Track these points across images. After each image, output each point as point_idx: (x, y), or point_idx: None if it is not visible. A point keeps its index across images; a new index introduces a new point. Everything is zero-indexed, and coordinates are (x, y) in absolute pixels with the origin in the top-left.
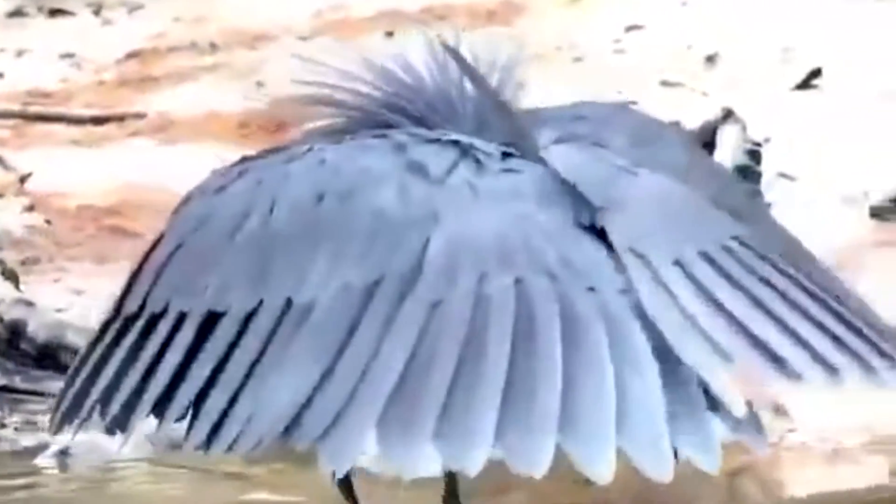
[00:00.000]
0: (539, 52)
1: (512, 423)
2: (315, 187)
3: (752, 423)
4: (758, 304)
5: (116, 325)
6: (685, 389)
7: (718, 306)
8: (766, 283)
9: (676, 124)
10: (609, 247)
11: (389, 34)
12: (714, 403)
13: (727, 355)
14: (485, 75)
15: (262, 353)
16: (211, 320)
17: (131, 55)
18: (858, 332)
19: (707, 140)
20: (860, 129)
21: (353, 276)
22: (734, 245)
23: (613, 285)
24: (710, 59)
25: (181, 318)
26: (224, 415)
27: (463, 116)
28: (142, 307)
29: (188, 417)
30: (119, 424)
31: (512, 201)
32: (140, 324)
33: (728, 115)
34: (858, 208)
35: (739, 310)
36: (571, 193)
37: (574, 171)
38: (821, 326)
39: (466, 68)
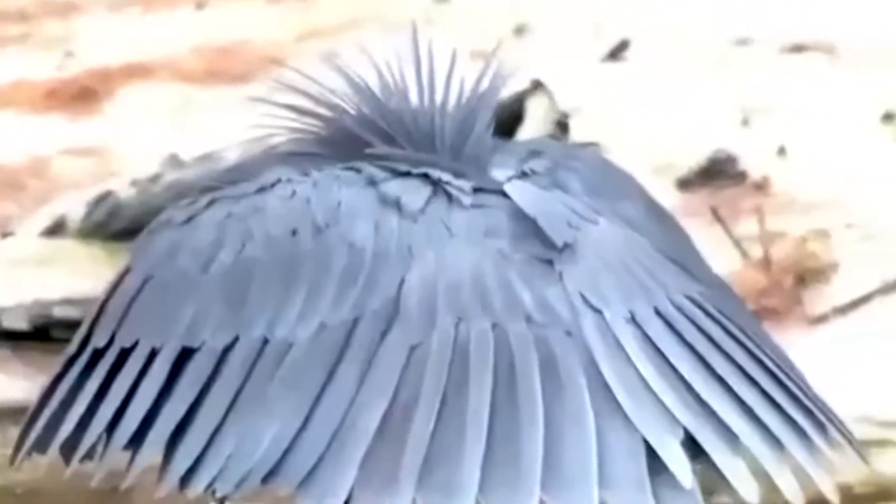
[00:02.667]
0: (350, 21)
1: (496, 477)
2: (288, 221)
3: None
4: (710, 370)
5: (83, 359)
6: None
7: (673, 371)
8: (718, 347)
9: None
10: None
11: (200, 6)
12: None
13: (678, 424)
14: (461, 101)
15: (239, 390)
16: (183, 355)
17: None
18: (800, 404)
19: (516, 111)
20: (667, 101)
21: (329, 316)
22: (687, 303)
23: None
24: (519, 31)
25: (153, 354)
26: (203, 452)
27: (441, 142)
28: (110, 342)
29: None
30: (88, 458)
31: (486, 238)
32: (109, 358)
33: (537, 86)
34: (666, 179)
35: (693, 376)
36: (534, 230)
37: (535, 208)
38: (768, 398)
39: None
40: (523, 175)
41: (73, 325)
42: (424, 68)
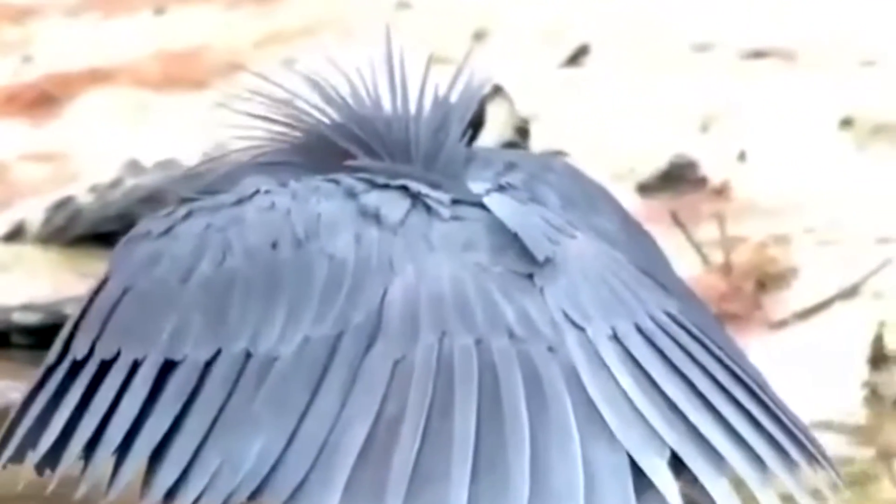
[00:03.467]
0: (310, 26)
1: (482, 497)
2: (268, 233)
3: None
4: (692, 387)
5: (63, 370)
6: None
7: (656, 390)
8: (697, 363)
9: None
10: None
11: (159, 12)
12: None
13: (664, 443)
14: (435, 109)
15: (224, 405)
16: (165, 367)
17: None
18: (779, 422)
19: (475, 117)
20: (627, 107)
21: (313, 330)
22: (665, 319)
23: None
24: (479, 36)
25: (135, 366)
26: (188, 467)
27: (415, 151)
28: (90, 353)
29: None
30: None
31: (466, 251)
32: (90, 370)
33: (496, 91)
34: (626, 184)
35: (676, 395)
36: (512, 244)
37: (515, 222)
38: (748, 415)
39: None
40: (501, 188)
41: (32, 330)
42: (397, 75)
